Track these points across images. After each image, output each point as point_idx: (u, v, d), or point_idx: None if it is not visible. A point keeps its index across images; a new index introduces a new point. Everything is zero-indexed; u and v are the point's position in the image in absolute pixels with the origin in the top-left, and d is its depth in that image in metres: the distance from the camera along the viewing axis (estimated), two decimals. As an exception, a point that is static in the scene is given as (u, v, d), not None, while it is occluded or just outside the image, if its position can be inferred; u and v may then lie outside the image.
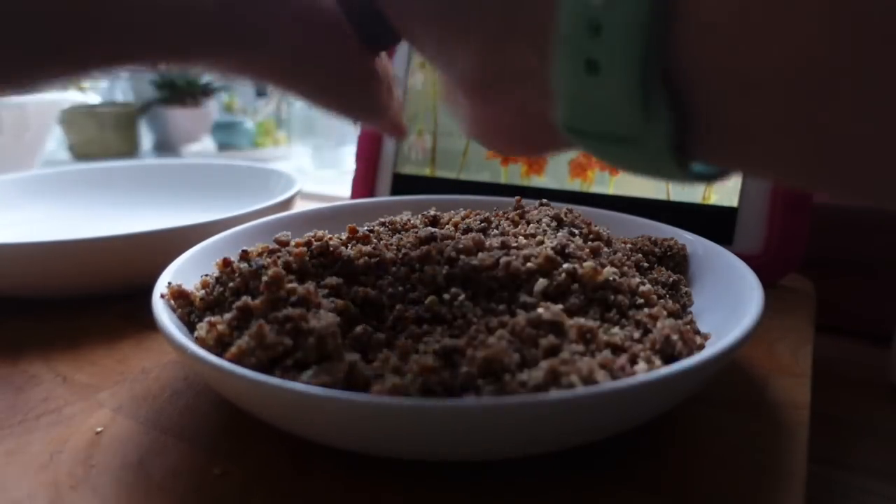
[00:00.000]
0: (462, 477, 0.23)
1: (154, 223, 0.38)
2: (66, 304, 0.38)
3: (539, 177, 0.48)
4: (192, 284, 0.29)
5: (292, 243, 0.30)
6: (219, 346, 0.24)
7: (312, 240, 0.29)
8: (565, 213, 0.32)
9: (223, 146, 1.11)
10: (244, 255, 0.28)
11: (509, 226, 0.32)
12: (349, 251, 0.28)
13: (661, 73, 0.16)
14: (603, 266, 0.27)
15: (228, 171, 0.61)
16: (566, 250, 0.27)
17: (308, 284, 0.25)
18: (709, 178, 0.18)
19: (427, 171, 0.52)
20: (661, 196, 0.43)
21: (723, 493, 0.22)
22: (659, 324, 0.25)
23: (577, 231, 0.31)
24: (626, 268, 0.28)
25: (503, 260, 0.26)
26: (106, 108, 1.17)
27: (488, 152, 0.50)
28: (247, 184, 0.58)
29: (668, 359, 0.23)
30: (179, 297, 0.27)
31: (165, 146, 1.25)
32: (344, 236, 0.31)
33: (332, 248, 0.28)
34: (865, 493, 0.29)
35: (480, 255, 0.27)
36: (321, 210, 0.41)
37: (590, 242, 0.29)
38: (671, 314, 0.26)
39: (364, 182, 0.53)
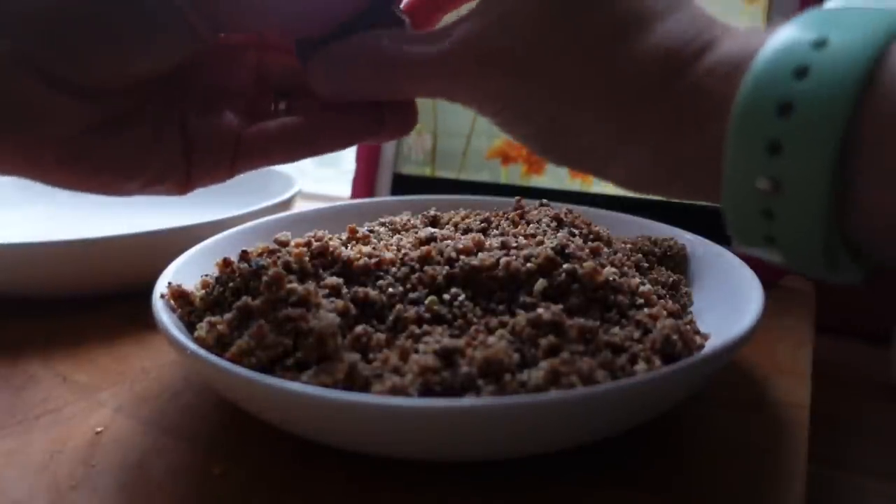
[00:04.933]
0: (462, 477, 0.23)
1: (154, 223, 0.38)
2: (66, 304, 0.38)
3: (539, 177, 0.48)
4: (192, 284, 0.29)
5: (292, 243, 0.30)
6: (219, 346, 0.24)
7: (312, 240, 0.29)
8: (565, 214, 0.32)
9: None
10: (244, 256, 0.28)
11: (509, 226, 0.32)
12: (349, 251, 0.28)
13: (838, 239, 0.17)
14: (603, 266, 0.27)
15: (228, 171, 0.61)
16: (566, 250, 0.27)
17: (308, 284, 0.25)
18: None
19: (427, 171, 0.52)
20: (661, 196, 0.43)
21: (723, 493, 0.22)
22: (659, 324, 0.25)
23: (577, 231, 0.31)
24: (626, 268, 0.28)
25: (503, 260, 0.26)
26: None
27: (488, 152, 0.50)
28: (247, 184, 0.57)
29: (668, 359, 0.23)
30: (179, 297, 0.27)
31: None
32: (344, 236, 0.31)
33: (332, 249, 0.28)
34: (865, 493, 0.29)
35: (480, 255, 0.27)
36: (321, 210, 0.41)
37: (590, 242, 0.29)
38: (671, 314, 0.26)
39: (364, 182, 0.53)
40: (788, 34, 0.17)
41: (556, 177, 0.47)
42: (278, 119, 0.27)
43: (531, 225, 0.31)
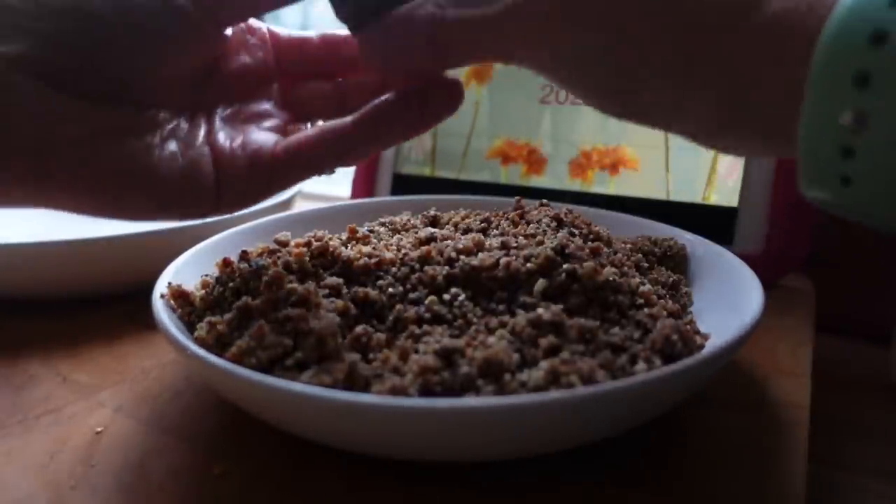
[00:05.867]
0: (462, 477, 0.23)
1: (154, 223, 0.38)
2: (66, 304, 0.38)
3: (539, 177, 0.48)
4: (192, 284, 0.29)
5: (292, 243, 0.30)
6: (219, 346, 0.24)
7: (312, 240, 0.29)
8: (565, 214, 0.32)
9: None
10: (244, 256, 0.28)
11: (509, 226, 0.32)
12: (349, 251, 0.28)
13: None
14: (603, 266, 0.27)
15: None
16: (566, 250, 0.27)
17: (308, 284, 0.25)
18: None
19: (427, 171, 0.52)
20: (661, 196, 0.43)
21: (723, 493, 0.22)
22: (659, 324, 0.25)
23: (577, 231, 0.31)
24: (626, 268, 0.28)
25: (503, 260, 0.26)
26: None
27: (488, 152, 0.50)
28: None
29: (668, 359, 0.23)
30: (179, 297, 0.27)
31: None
32: (344, 236, 0.31)
33: (332, 249, 0.28)
34: (865, 493, 0.29)
35: (480, 255, 0.27)
36: (321, 210, 0.41)
37: (590, 242, 0.29)
38: (671, 314, 0.26)
39: (364, 182, 0.53)
40: None
41: (556, 177, 0.47)
42: (317, 126, 0.27)
43: (531, 225, 0.31)
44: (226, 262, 0.28)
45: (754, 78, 0.19)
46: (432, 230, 0.31)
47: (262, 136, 0.26)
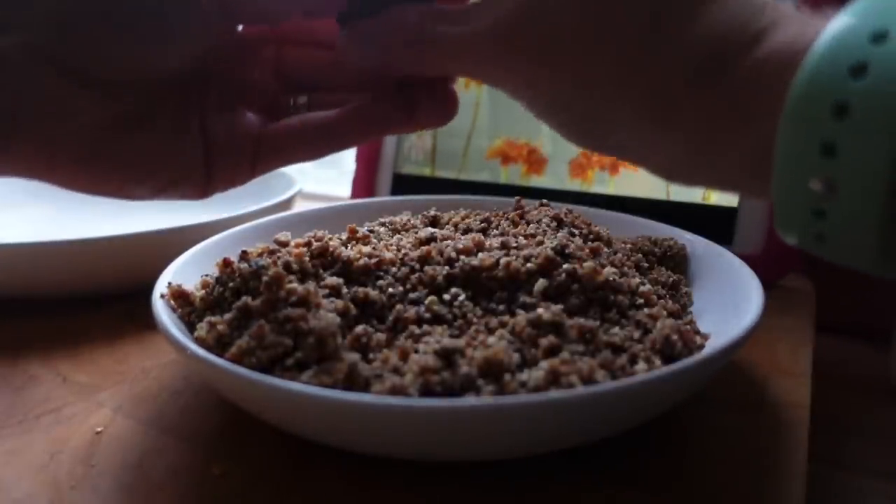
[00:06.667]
0: (462, 477, 0.23)
1: (154, 223, 0.38)
2: (66, 304, 0.38)
3: (539, 177, 0.48)
4: (192, 284, 0.29)
5: (292, 244, 0.30)
6: (219, 346, 0.24)
7: (312, 240, 0.29)
8: (565, 214, 0.32)
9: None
10: (244, 256, 0.28)
11: (509, 226, 0.32)
12: (349, 251, 0.28)
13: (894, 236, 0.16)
14: (603, 266, 0.27)
15: (228, 171, 0.61)
16: (566, 250, 0.27)
17: (308, 285, 0.25)
18: None
19: (427, 171, 0.52)
20: (661, 196, 0.43)
21: (723, 493, 0.22)
22: (659, 324, 0.25)
23: (577, 231, 0.31)
24: (626, 268, 0.28)
25: (503, 260, 0.26)
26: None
27: (488, 152, 0.50)
28: (247, 184, 0.58)
29: (668, 359, 0.23)
30: (179, 297, 0.27)
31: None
32: (344, 236, 0.31)
33: (332, 249, 0.28)
34: (865, 493, 0.29)
35: (480, 255, 0.27)
36: (321, 210, 0.41)
37: (590, 242, 0.29)
38: (671, 314, 0.26)
39: (364, 182, 0.53)
40: (843, 26, 0.16)
41: (556, 177, 0.47)
42: (301, 115, 0.27)
43: (531, 225, 0.31)
44: (226, 262, 0.28)
45: (726, 135, 0.19)
46: (432, 230, 0.31)
47: (250, 119, 0.26)
